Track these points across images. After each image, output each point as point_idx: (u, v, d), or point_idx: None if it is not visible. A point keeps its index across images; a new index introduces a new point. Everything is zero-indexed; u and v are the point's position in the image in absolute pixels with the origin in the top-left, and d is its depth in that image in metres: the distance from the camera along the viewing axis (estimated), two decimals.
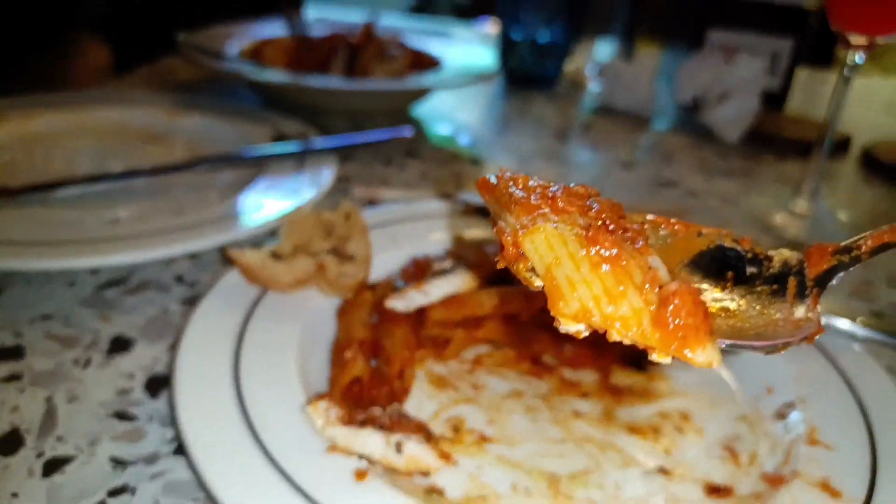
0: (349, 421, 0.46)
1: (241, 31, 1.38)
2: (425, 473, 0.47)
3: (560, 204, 0.34)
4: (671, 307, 0.31)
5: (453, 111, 1.41)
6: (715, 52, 1.40)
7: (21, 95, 1.06)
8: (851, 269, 0.37)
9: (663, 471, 0.51)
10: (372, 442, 0.46)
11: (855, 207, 1.11)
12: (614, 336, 0.32)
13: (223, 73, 1.19)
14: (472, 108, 1.47)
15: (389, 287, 0.63)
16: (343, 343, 0.56)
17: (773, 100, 1.49)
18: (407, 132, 1.00)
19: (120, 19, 1.45)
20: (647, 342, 0.32)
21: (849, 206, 1.11)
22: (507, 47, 1.58)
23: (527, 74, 1.61)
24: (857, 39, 0.88)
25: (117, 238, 0.68)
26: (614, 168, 1.18)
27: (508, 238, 0.35)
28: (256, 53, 1.28)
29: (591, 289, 0.32)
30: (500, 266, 0.36)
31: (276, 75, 1.13)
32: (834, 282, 0.37)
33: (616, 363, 0.61)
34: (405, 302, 0.58)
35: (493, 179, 0.38)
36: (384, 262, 0.69)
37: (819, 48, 1.89)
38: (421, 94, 1.28)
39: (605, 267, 0.32)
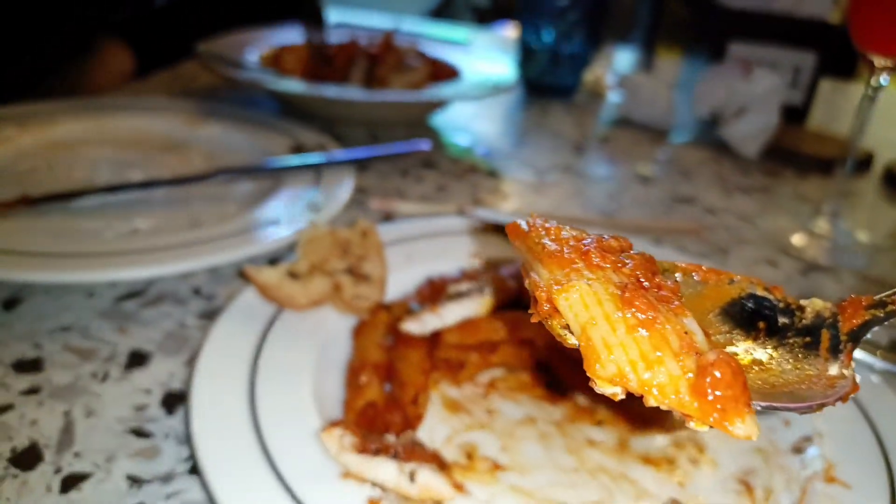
0: (363, 449, 0.46)
1: (261, 37, 1.38)
2: (438, 502, 0.47)
3: (594, 259, 0.34)
4: (709, 378, 0.30)
5: (471, 120, 1.41)
6: (731, 66, 1.39)
7: (43, 101, 1.08)
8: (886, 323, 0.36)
9: None
10: (385, 470, 0.46)
11: (876, 229, 1.10)
12: (651, 402, 0.32)
13: (243, 82, 1.19)
14: (490, 117, 1.47)
15: (405, 308, 0.63)
16: (358, 365, 0.56)
17: (795, 114, 1.48)
18: (425, 145, 1.00)
19: (142, 24, 1.46)
20: (685, 410, 0.31)
21: (869, 226, 1.10)
22: (525, 56, 1.58)
23: (545, 84, 1.60)
24: (881, 62, 0.87)
25: (136, 251, 0.69)
26: (632, 183, 1.18)
27: (543, 294, 0.34)
28: (276, 60, 1.29)
29: (628, 353, 0.32)
30: (534, 321, 0.36)
31: (294, 85, 1.14)
32: (868, 336, 0.37)
33: None
34: (420, 325, 0.58)
35: (523, 225, 0.37)
36: (400, 281, 0.69)
37: (842, 60, 1.87)
38: (439, 104, 1.28)
39: (641, 331, 0.32)
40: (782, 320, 0.38)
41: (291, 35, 1.40)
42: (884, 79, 0.89)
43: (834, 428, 0.55)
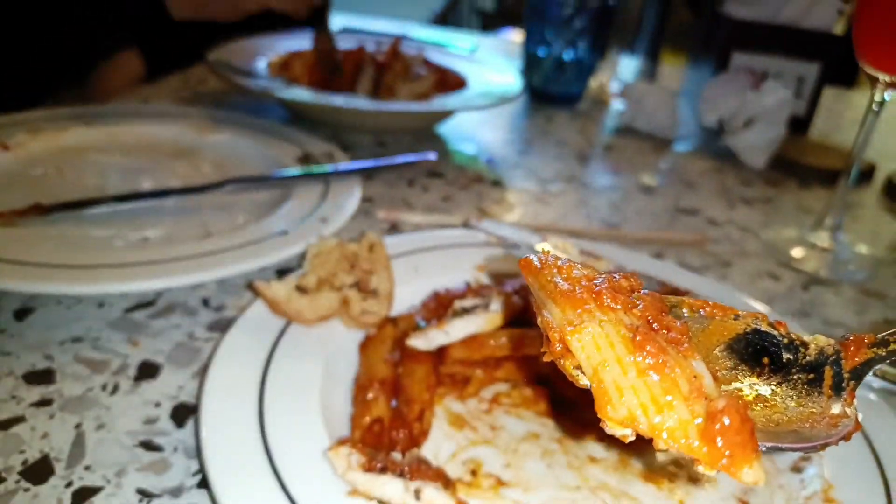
0: (370, 467, 0.47)
1: (269, 43, 1.39)
2: None
3: (606, 300, 0.35)
4: (718, 425, 0.31)
5: (476, 127, 1.42)
6: (740, 76, 1.40)
7: (54, 108, 1.09)
8: (888, 361, 0.37)
9: None
10: (391, 488, 0.47)
11: (876, 241, 1.10)
12: (660, 445, 0.33)
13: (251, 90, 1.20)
14: (495, 124, 1.48)
15: (411, 322, 0.64)
16: (365, 381, 0.57)
17: (799, 124, 1.49)
18: (431, 156, 1.01)
19: (152, 28, 1.47)
20: (694, 454, 0.32)
21: (870, 239, 1.10)
22: (530, 63, 1.59)
23: (550, 91, 1.61)
24: (886, 78, 0.87)
25: (147, 263, 0.70)
26: (635, 192, 1.19)
27: (556, 334, 0.35)
28: (285, 67, 1.30)
29: (639, 396, 0.33)
30: (546, 360, 0.37)
31: (303, 94, 1.15)
32: (870, 375, 0.37)
33: None
34: (426, 341, 0.59)
35: (536, 262, 0.38)
36: (406, 294, 0.70)
37: (843, 68, 1.88)
38: (446, 114, 1.29)
39: (652, 375, 0.33)
40: (786, 356, 0.39)
41: (300, 42, 1.41)
42: (888, 94, 0.90)
43: (832, 447, 0.56)
